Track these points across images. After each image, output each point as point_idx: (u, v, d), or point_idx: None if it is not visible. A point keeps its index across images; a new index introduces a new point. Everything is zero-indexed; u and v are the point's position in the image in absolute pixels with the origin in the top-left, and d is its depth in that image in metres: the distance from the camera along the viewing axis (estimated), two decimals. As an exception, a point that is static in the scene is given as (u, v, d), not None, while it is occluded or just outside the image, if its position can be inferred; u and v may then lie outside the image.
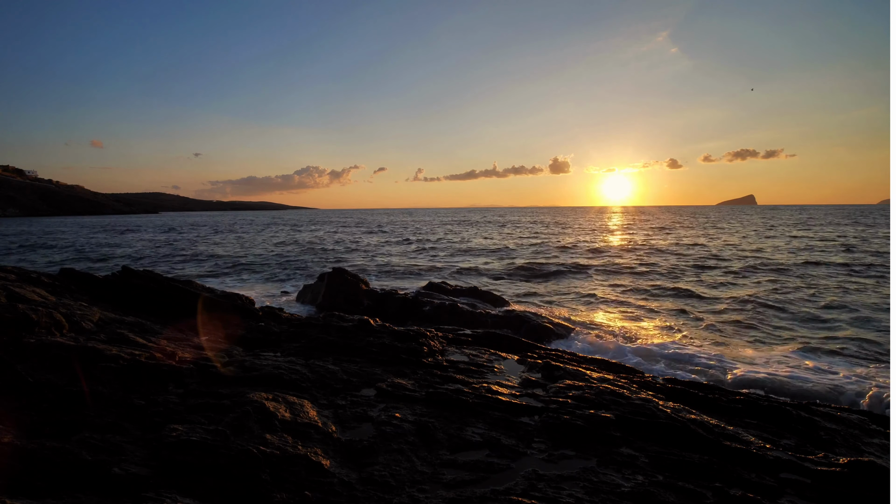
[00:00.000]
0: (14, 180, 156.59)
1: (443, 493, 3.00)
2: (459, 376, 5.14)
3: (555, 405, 4.33)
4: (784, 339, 11.17)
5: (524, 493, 2.99)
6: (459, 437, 3.72)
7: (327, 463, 3.16)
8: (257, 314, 7.60)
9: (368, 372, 5.12)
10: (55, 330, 5.00)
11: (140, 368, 4.28)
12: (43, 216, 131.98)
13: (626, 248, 33.71)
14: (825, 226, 56.02)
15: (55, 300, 6.13)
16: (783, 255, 26.84)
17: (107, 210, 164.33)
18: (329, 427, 3.65)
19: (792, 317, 13.28)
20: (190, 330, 6.26)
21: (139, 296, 7.57)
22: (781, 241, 36.77)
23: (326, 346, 5.93)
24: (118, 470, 2.78)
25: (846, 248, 29.88)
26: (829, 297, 15.51)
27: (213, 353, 5.21)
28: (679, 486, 3.13)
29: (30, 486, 2.59)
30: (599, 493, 3.03)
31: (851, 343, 10.68)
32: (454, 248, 34.31)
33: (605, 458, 3.51)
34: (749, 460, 3.52)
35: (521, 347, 7.16)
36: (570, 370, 5.43)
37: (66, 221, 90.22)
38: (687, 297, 16.07)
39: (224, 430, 3.22)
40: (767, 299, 15.28)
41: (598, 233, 48.39)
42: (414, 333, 6.37)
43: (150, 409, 3.68)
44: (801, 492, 3.22)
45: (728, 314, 13.71)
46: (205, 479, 2.83)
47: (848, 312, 13.57)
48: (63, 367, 4.08)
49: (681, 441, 3.76)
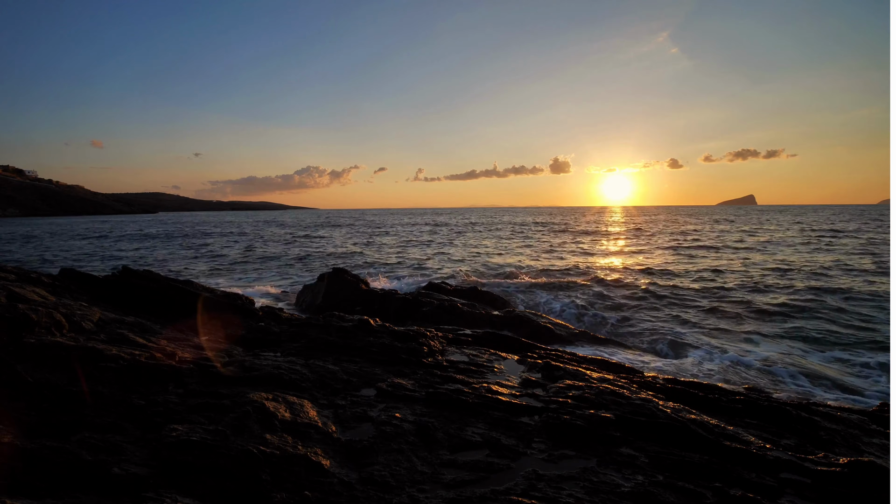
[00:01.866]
0: (14, 180, 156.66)
1: (443, 493, 3.00)
2: (459, 376, 5.14)
3: (555, 405, 4.33)
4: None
5: (524, 493, 2.99)
6: (459, 437, 3.72)
7: (327, 463, 3.16)
8: (257, 314, 7.61)
9: (368, 372, 5.12)
10: (55, 330, 5.00)
11: (140, 368, 4.28)
12: (43, 216, 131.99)
13: (574, 270, 22.26)
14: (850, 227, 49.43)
15: (55, 300, 6.12)
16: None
17: (107, 210, 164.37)
18: (329, 427, 3.65)
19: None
20: (190, 330, 6.26)
21: (139, 296, 7.57)
22: (839, 254, 26.65)
23: (326, 346, 5.93)
24: (118, 470, 2.78)
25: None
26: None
27: (213, 353, 5.21)
28: (679, 486, 3.13)
29: (30, 486, 2.59)
30: (599, 493, 3.03)
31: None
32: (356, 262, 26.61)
33: (605, 457, 3.51)
34: (749, 460, 3.52)
35: (521, 347, 7.16)
36: (570, 370, 5.43)
37: (57, 222, 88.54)
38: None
39: (224, 430, 3.22)
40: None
41: (560, 248, 33.61)
42: (414, 333, 6.37)
43: (150, 409, 3.68)
44: (801, 492, 3.22)
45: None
46: (205, 479, 2.83)
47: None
48: (63, 367, 4.08)
49: (681, 441, 3.76)
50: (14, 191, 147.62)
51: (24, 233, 53.54)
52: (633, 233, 48.39)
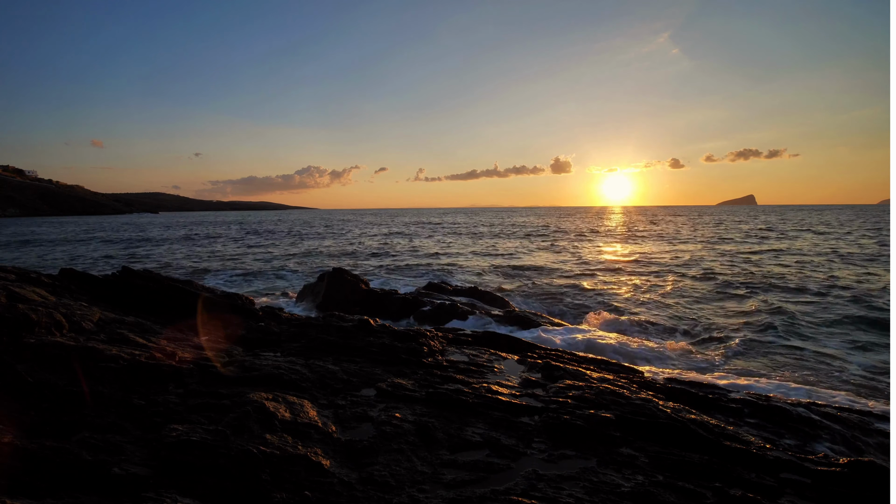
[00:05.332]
0: (14, 180, 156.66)
1: (443, 493, 3.00)
2: (459, 376, 5.14)
3: (555, 405, 4.33)
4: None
5: (524, 493, 2.99)
6: (459, 437, 3.72)
7: (327, 463, 3.16)
8: (257, 314, 7.60)
9: (368, 372, 5.12)
10: (55, 330, 5.00)
11: (140, 368, 4.28)
12: (43, 216, 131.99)
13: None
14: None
15: (55, 300, 6.12)
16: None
17: (107, 210, 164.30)
18: (329, 427, 3.65)
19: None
20: (190, 330, 6.26)
21: (139, 296, 7.57)
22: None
23: (326, 346, 5.93)
24: (118, 470, 2.78)
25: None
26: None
27: (213, 353, 5.21)
28: (679, 486, 3.13)
29: (30, 486, 2.59)
30: (599, 493, 3.03)
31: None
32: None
33: (605, 457, 3.51)
34: (749, 460, 3.52)
35: (521, 347, 7.16)
36: (570, 370, 5.43)
37: (48, 221, 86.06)
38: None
39: (224, 430, 3.22)
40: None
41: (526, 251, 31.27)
42: (414, 333, 6.37)
43: (150, 409, 3.68)
44: (801, 492, 3.22)
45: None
46: (205, 479, 2.83)
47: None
48: (63, 367, 4.08)
49: (681, 441, 3.76)
50: (14, 191, 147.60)
51: (55, 237, 46.40)
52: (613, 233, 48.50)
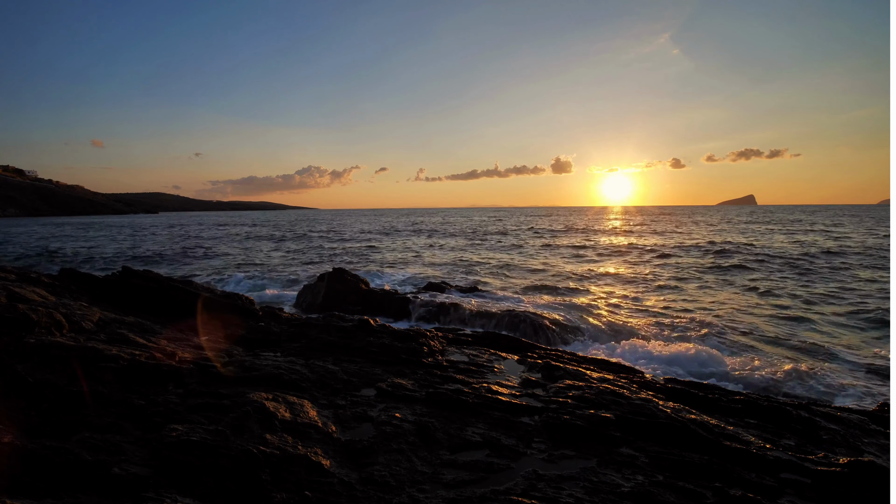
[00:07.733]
0: (14, 180, 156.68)
1: (443, 493, 3.00)
2: (459, 376, 5.14)
3: (555, 405, 4.33)
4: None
5: (524, 493, 2.99)
6: (459, 437, 3.72)
7: (327, 463, 3.16)
8: (257, 314, 7.61)
9: (368, 372, 5.12)
10: (55, 330, 5.00)
11: (140, 368, 4.28)
12: (43, 216, 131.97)
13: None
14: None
15: (55, 300, 6.12)
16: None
17: (107, 210, 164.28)
18: (329, 427, 3.65)
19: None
20: (190, 330, 6.26)
21: (139, 296, 7.57)
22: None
23: (326, 346, 5.93)
24: (118, 470, 2.78)
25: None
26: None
27: (213, 353, 5.21)
28: (679, 486, 3.13)
29: (30, 486, 2.59)
30: (599, 493, 3.02)
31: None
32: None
33: (605, 458, 3.51)
34: (749, 460, 3.52)
35: (521, 347, 7.16)
36: (570, 370, 5.42)
37: (40, 222, 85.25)
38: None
39: (224, 430, 3.22)
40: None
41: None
42: (414, 333, 6.37)
43: (150, 409, 3.68)
44: (801, 492, 3.22)
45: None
46: (205, 479, 2.83)
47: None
48: (63, 367, 4.08)
49: (681, 441, 3.76)
50: (14, 191, 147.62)
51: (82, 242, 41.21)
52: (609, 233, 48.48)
